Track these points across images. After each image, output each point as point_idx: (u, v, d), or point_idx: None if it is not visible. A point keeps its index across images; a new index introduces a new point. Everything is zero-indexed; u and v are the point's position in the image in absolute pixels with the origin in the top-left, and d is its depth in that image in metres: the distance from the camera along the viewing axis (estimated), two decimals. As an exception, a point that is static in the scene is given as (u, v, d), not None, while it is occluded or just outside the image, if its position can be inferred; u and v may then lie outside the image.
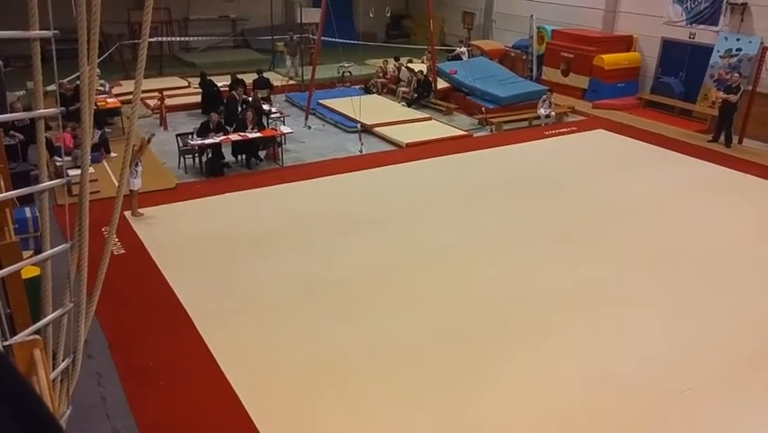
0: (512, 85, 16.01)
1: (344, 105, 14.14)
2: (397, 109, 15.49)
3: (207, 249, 8.37)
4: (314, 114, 14.79)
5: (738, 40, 14.66)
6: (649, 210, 10.00)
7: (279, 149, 12.01)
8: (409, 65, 17.45)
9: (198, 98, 14.52)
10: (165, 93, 14.63)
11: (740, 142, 13.48)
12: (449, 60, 18.05)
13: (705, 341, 6.67)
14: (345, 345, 6.43)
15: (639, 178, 11.34)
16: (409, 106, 15.80)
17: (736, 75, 13.64)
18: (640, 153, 12.88)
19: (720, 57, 14.97)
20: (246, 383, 5.78)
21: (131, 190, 9.01)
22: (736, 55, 14.66)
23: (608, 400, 5.73)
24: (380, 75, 17.39)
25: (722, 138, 13.40)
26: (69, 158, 9.88)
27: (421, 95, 16.17)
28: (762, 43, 14.02)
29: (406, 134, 13.39)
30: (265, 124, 12.68)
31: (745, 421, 5.53)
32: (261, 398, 5.62)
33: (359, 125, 13.04)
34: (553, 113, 15.00)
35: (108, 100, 13.35)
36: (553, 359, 6.28)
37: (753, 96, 13.28)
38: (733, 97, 13.06)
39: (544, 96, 15.10)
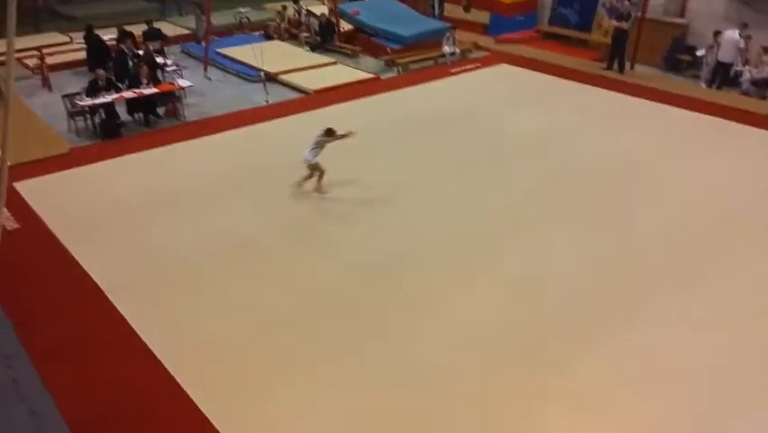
0: (415, 24, 15.86)
1: (245, 53, 13.53)
2: (301, 55, 15.01)
3: (111, 217, 7.91)
4: (213, 64, 14.08)
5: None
6: (554, 139, 10.35)
7: (179, 104, 11.40)
8: (310, 8, 16.87)
9: (83, 54, 13.41)
10: (45, 51, 13.44)
11: (632, 68, 14.10)
12: (351, 1, 17.59)
13: (618, 250, 7.11)
14: (270, 302, 6.34)
15: (543, 109, 11.67)
16: (313, 51, 15.35)
17: (627, 2, 14.15)
18: (542, 85, 13.23)
19: (611, -14, 15.45)
20: (172, 352, 5.60)
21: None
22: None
23: (541, 322, 6.01)
24: (279, 20, 16.73)
25: (616, 65, 13.96)
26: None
27: (324, 38, 15.74)
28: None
29: (312, 81, 13.05)
30: (161, 78, 11.94)
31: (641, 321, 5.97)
32: (189, 364, 5.48)
33: (262, 74, 12.55)
34: (457, 50, 15.06)
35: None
36: (485, 287, 6.48)
37: (642, 23, 13.82)
38: (625, 25, 13.56)
39: (448, 34, 15.11)
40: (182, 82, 11.81)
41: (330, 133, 8.18)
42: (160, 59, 12.69)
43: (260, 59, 12.25)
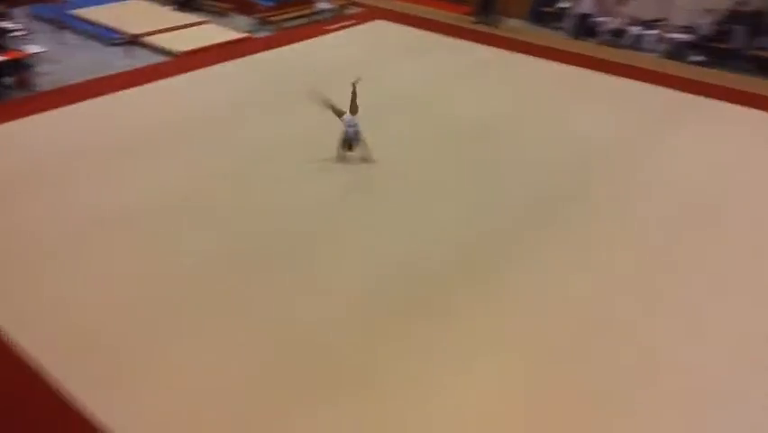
0: (287, -21, 15.34)
1: (103, 13, 12.52)
2: (165, 15, 14.10)
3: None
4: (67, 27, 12.91)
5: None
6: (430, 95, 10.51)
7: (30, 72, 10.37)
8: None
9: None
10: None
11: (503, 21, 14.52)
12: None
13: (487, 201, 7.42)
14: (146, 281, 6.05)
15: (419, 65, 11.80)
16: (181, 10, 14.47)
17: (493, -44, 14.46)
18: (417, 41, 13.34)
19: (478, -61, 15.66)
20: (39, 341, 5.22)
21: None
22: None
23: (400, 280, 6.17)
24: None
25: (488, 18, 14.32)
26: None
27: (191, -4, 14.87)
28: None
29: (179, 42, 12.32)
30: (5, 45, 10.77)
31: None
32: (59, 353, 5.13)
33: (123, 36, 11.67)
34: (333, 6, 14.79)
35: None
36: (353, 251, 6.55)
37: (509, -23, 14.24)
38: (492, -22, 13.90)
39: (321, -11, 14.79)
40: (32, 48, 10.73)
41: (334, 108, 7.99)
42: (2, 24, 11.41)
43: (120, 19, 11.35)
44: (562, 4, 14.75)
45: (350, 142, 8.02)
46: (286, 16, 14.19)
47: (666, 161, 8.63)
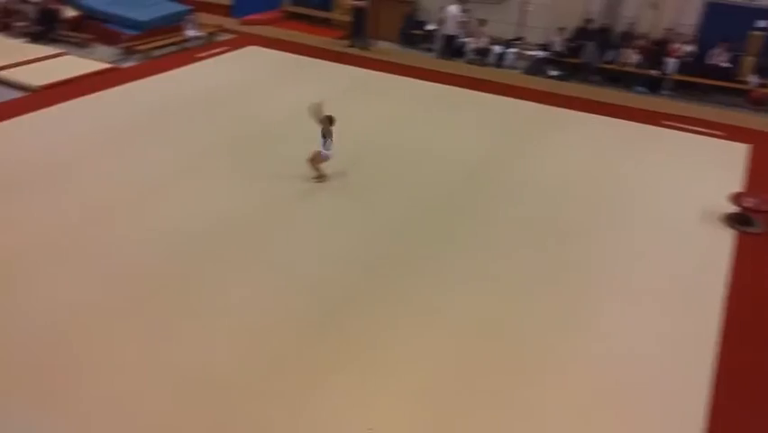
0: (152, 7, 14.84)
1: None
2: (19, 48, 13.14)
3: None
4: None
5: (357, -52, 15.85)
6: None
7: None
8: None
9: None
10: None
11: (374, 44, 14.93)
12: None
13: (379, 223, 7.55)
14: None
15: (294, 89, 11.80)
16: (36, 43, 13.54)
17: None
18: (291, 65, 13.38)
19: (345, -35, 16.09)
20: None
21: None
22: (358, -37, 15.91)
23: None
24: (-14, 7, 14.40)
25: (360, 42, 14.66)
26: None
27: (49, 27, 13.94)
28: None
29: (37, 76, 11.51)
30: None
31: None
32: None
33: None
34: (202, 33, 14.50)
35: None
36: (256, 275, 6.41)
37: (377, 1, 14.66)
38: (362, 3, 14.26)
39: (189, 17, 14.47)
40: None
41: (330, 121, 8.18)
42: None
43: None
44: (429, 27, 15.42)
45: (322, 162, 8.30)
46: (153, 45, 13.69)
47: (537, 167, 9.22)
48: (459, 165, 9.17)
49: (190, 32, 14.24)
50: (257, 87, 11.92)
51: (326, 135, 8.19)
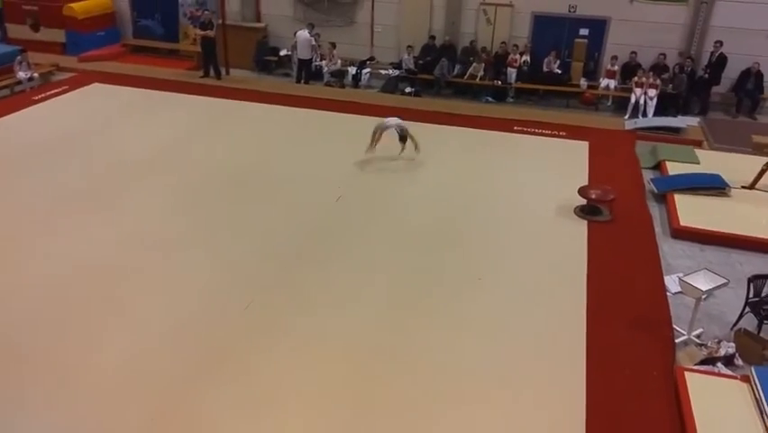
0: (-28, 49, 13.51)
1: None
2: None
3: None
4: None
5: (198, -23, 15.56)
6: (165, 154, 10.11)
7: None
8: None
9: None
10: None
11: (228, 72, 14.64)
12: None
13: (255, 246, 7.35)
14: None
15: (149, 125, 11.28)
16: None
17: (206, 11, 14.57)
18: (142, 101, 12.72)
19: (187, -5, 15.72)
20: None
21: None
22: (200, -8, 15.62)
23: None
24: None
25: (212, 72, 14.31)
26: None
27: None
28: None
29: None
30: None
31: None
32: None
33: None
34: (35, 74, 13.40)
35: None
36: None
37: (225, 29, 14.41)
38: (210, 33, 13.94)
39: (19, 58, 13.31)
40: None
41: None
42: None
43: None
44: (282, 53, 15.41)
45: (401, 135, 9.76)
46: (-20, 90, 12.44)
47: (405, 181, 9.49)
48: (330, 186, 9.21)
49: (22, 74, 13.11)
50: (107, 127, 11.20)
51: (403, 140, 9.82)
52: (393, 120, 9.87)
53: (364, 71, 14.84)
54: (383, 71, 14.80)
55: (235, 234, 7.85)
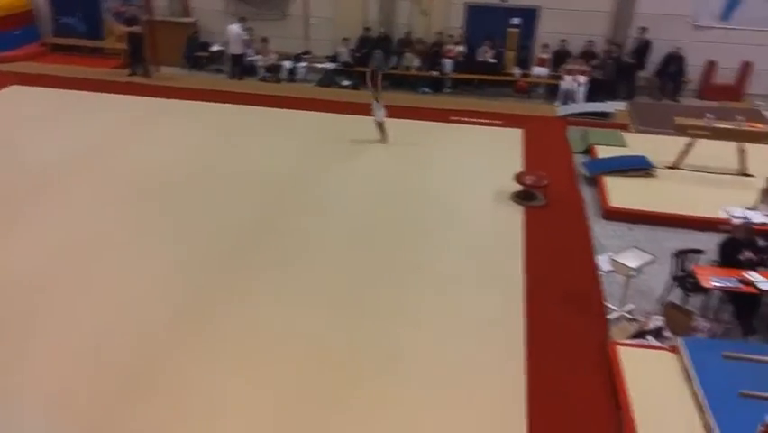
0: None
1: None
2: None
3: None
4: None
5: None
6: (97, 154, 9.72)
7: None
8: None
9: None
10: None
11: (157, 70, 14.17)
12: None
13: (187, 254, 7.14)
14: None
15: (74, 128, 10.81)
16: None
17: (131, 6, 14.07)
18: (67, 103, 12.16)
19: (110, -10, 15.12)
20: None
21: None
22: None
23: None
24: None
25: (141, 70, 13.82)
26: None
27: None
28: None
29: None
30: None
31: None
32: None
33: None
34: (-53, 77, 12.63)
35: None
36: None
37: (153, 25, 13.94)
38: (136, 28, 13.45)
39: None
40: None
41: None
42: None
43: None
44: (214, 48, 15.02)
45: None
46: None
47: (344, 177, 9.44)
48: (268, 183, 9.06)
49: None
50: (27, 131, 10.65)
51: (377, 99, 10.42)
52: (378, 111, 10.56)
53: (300, 65, 14.64)
54: (319, 65, 14.62)
55: (168, 239, 7.60)
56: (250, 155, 10.03)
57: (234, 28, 14.04)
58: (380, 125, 10.66)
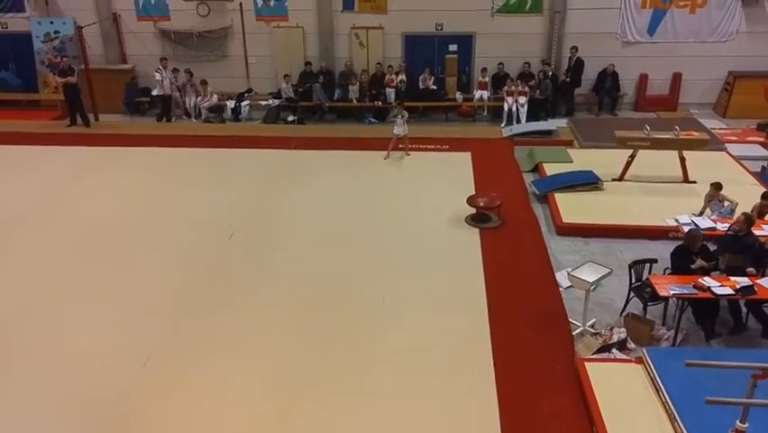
0: None
1: None
2: None
3: None
4: None
5: (52, 23, 14.68)
6: (44, 208, 9.35)
7: None
8: None
9: None
10: None
11: (96, 119, 13.83)
12: None
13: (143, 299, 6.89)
14: None
15: (15, 183, 10.41)
16: None
17: (65, 57, 13.77)
18: (4, 157, 11.72)
19: (42, 42, 14.77)
20: None
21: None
22: (56, 38, 14.72)
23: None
24: None
25: (80, 119, 13.47)
26: None
27: None
28: (75, 23, 14.33)
29: None
30: None
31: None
32: None
33: None
34: None
35: None
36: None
37: (89, 74, 13.63)
38: (72, 79, 13.13)
39: None
40: None
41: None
42: None
43: None
44: (154, 93, 14.75)
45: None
46: None
47: (298, 210, 9.35)
48: (220, 224, 8.87)
49: None
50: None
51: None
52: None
53: (243, 104, 14.55)
54: (263, 102, 14.57)
55: (125, 287, 7.35)
56: (200, 198, 9.82)
57: (168, 73, 13.95)
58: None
